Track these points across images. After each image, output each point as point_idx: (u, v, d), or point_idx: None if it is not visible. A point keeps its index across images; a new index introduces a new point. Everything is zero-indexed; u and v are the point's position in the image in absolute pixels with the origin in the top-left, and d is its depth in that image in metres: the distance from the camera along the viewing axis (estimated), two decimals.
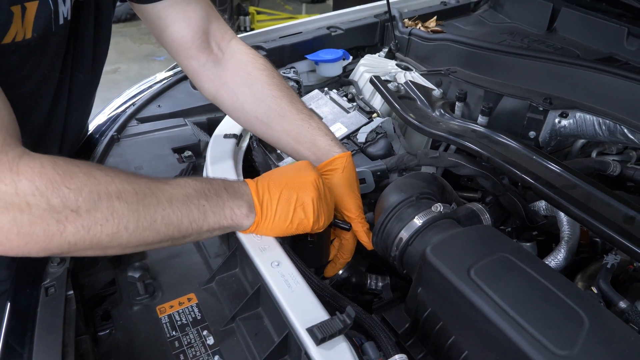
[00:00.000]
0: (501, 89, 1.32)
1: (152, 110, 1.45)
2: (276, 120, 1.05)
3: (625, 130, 1.14)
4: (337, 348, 0.68)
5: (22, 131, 0.70)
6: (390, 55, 1.77)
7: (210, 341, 0.80)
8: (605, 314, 0.69)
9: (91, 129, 1.36)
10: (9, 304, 0.84)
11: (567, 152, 1.38)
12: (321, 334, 0.67)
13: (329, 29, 1.81)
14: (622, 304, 0.85)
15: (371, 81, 1.44)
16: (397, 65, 1.62)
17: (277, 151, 1.31)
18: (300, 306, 0.73)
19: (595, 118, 1.19)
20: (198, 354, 0.78)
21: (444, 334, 0.76)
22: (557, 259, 1.01)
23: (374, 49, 1.90)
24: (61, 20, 0.84)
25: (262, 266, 0.81)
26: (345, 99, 1.44)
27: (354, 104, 1.41)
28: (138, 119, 1.40)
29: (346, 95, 1.45)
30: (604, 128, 1.18)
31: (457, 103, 1.30)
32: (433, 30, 1.80)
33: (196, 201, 0.77)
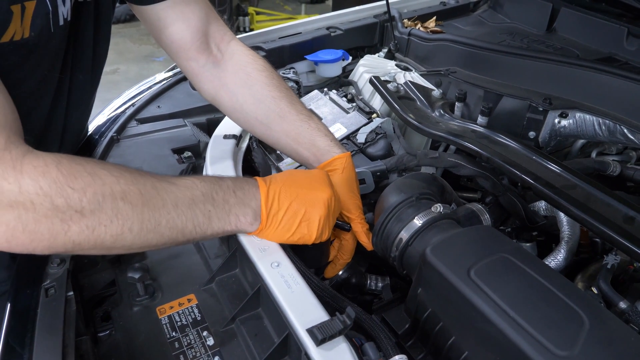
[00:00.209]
0: (501, 89, 1.32)
1: (151, 111, 1.45)
2: (275, 121, 1.05)
3: (625, 131, 1.15)
4: (337, 349, 0.67)
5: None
6: (389, 56, 1.77)
7: (210, 342, 0.80)
8: (606, 315, 0.68)
9: (91, 129, 1.36)
10: (9, 304, 0.84)
11: (567, 152, 1.38)
12: (321, 335, 0.67)
13: (328, 29, 1.81)
14: (622, 304, 0.84)
15: (371, 81, 1.44)
16: (396, 65, 1.62)
17: (277, 152, 1.31)
18: (300, 307, 0.73)
19: (595, 118, 1.19)
20: (198, 354, 0.78)
21: (444, 334, 0.76)
22: (557, 259, 1.00)
23: (373, 50, 1.90)
24: (61, 21, 0.84)
25: (262, 267, 0.81)
26: (344, 99, 1.44)
27: (354, 104, 1.41)
28: (138, 119, 1.40)
29: (346, 95, 1.45)
30: (603, 128, 1.18)
31: (456, 103, 1.30)
32: (432, 31, 1.79)
33: (202, 206, 0.77)
